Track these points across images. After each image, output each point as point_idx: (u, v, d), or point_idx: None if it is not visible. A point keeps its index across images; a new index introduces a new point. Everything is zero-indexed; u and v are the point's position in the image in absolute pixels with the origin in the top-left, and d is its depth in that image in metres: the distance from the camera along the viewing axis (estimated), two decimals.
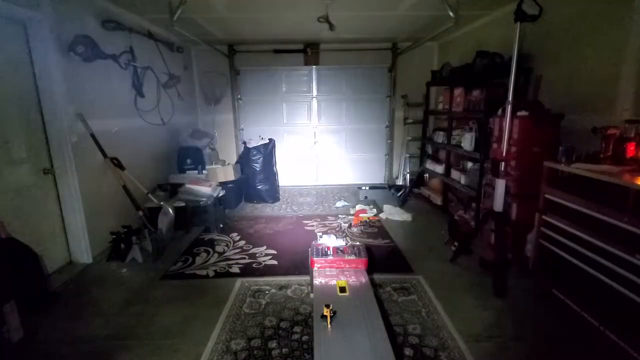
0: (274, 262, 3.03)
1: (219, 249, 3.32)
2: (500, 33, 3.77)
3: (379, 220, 4.07)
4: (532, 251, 2.50)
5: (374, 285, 2.57)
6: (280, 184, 5.28)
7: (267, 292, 2.53)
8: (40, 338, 2.06)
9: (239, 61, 5.67)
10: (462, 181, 3.91)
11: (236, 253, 3.22)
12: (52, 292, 2.51)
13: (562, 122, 2.67)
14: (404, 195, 4.82)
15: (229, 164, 4.78)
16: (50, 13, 2.64)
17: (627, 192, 1.72)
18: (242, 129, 5.96)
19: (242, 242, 3.47)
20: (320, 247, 2.33)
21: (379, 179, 6.13)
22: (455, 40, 4.98)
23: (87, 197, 3.00)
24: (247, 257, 3.14)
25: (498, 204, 2.60)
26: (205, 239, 3.58)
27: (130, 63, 3.62)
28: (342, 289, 1.95)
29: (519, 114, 2.60)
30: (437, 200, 4.61)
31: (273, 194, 4.97)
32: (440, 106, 4.69)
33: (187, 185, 3.85)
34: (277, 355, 1.88)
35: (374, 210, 4.36)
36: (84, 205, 2.97)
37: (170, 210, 3.46)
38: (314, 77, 5.74)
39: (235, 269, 2.89)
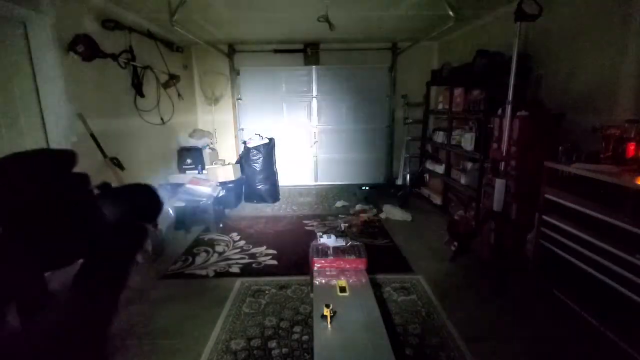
0: (274, 262, 3.03)
1: (219, 249, 3.32)
2: (500, 33, 3.77)
3: (379, 220, 4.07)
4: (532, 251, 2.50)
5: (374, 285, 2.57)
6: (280, 184, 5.28)
7: (267, 292, 2.53)
8: None
9: (239, 61, 5.66)
10: (462, 181, 3.91)
11: (236, 253, 3.22)
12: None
13: (563, 122, 2.67)
14: (404, 195, 4.82)
15: (229, 164, 4.78)
16: (50, 12, 2.64)
17: (627, 192, 1.72)
18: (242, 129, 5.96)
19: (242, 242, 3.47)
20: (320, 247, 2.33)
21: (379, 179, 6.13)
22: (455, 40, 4.98)
23: None
24: (247, 257, 3.13)
25: (498, 204, 2.60)
26: (205, 239, 3.58)
27: (129, 62, 3.61)
28: (342, 289, 1.95)
29: (519, 113, 2.60)
30: (437, 200, 4.60)
31: (273, 193, 4.97)
32: (440, 106, 4.69)
33: (187, 185, 3.85)
34: (277, 355, 1.88)
35: (374, 210, 4.36)
36: None
37: (170, 210, 3.46)
38: (314, 77, 5.74)
39: (235, 269, 2.89)
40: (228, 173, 4.55)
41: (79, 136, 2.94)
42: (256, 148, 4.81)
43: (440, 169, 4.53)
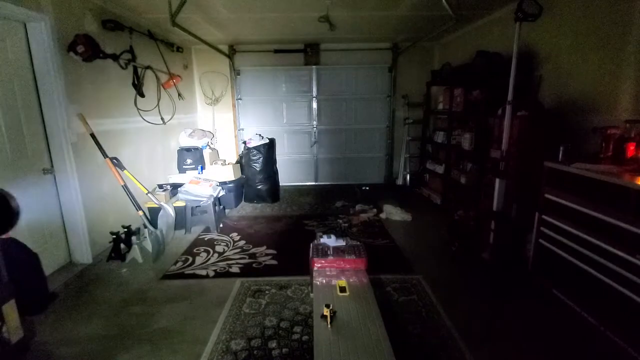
0: (274, 262, 3.03)
1: (219, 249, 3.32)
2: (500, 33, 3.77)
3: (379, 220, 4.07)
4: (532, 251, 2.50)
5: (374, 285, 2.56)
6: (280, 184, 5.28)
7: (267, 292, 2.53)
8: (40, 338, 2.06)
9: (239, 61, 5.67)
10: (462, 181, 3.91)
11: (236, 253, 3.22)
12: (52, 292, 2.50)
13: (563, 122, 2.67)
14: (403, 195, 4.81)
15: (229, 164, 4.78)
16: (50, 13, 2.64)
17: (627, 192, 1.72)
18: (242, 129, 5.96)
19: (242, 242, 3.47)
20: (320, 247, 2.33)
21: (379, 179, 6.13)
22: (455, 40, 4.98)
23: (87, 197, 3.00)
24: (247, 257, 3.13)
25: (498, 204, 2.60)
26: (205, 239, 3.58)
27: (130, 63, 3.62)
28: (342, 289, 1.95)
29: (518, 113, 2.60)
30: (437, 200, 4.61)
31: (273, 194, 4.97)
32: (440, 106, 4.70)
33: (187, 185, 3.85)
34: (277, 355, 1.88)
35: (374, 210, 4.36)
36: (84, 205, 2.97)
37: (170, 210, 3.46)
38: (314, 77, 5.74)
39: (235, 269, 2.89)
40: (228, 173, 4.55)
41: (79, 136, 2.94)
42: (256, 148, 4.81)
43: (440, 169, 4.53)
